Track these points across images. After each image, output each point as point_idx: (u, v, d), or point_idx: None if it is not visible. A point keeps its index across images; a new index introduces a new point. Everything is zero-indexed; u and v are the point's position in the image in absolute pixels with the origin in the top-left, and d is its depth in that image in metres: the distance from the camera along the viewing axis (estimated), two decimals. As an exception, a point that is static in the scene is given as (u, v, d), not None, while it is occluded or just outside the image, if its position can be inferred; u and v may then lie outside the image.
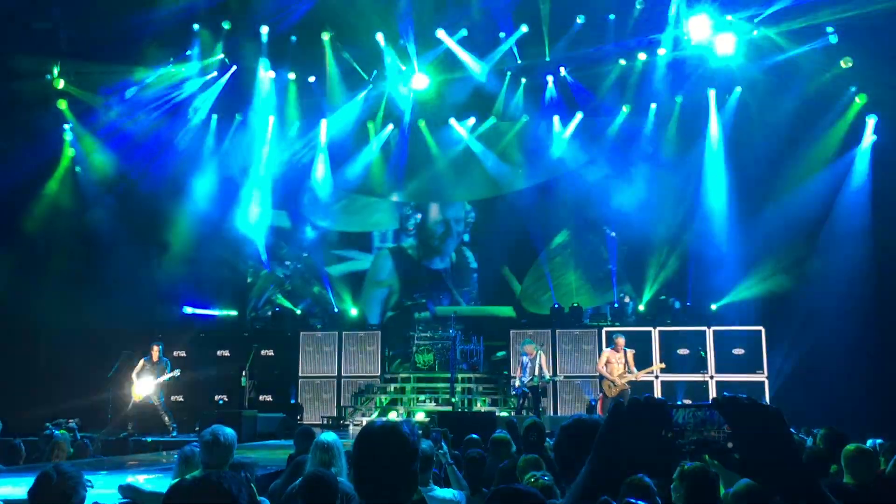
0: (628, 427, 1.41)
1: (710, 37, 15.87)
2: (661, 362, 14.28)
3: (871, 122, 16.05)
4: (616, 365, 13.35)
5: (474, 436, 8.09)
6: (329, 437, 4.97)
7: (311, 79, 18.18)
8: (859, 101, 16.06)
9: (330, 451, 4.88)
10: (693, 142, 17.59)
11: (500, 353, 16.24)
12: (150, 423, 14.02)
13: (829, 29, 15.54)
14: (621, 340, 13.64)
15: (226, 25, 17.06)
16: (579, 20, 16.90)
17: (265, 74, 17.81)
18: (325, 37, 17.38)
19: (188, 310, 17.54)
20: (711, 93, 17.38)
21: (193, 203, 17.59)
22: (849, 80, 15.98)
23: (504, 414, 13.76)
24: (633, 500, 2.40)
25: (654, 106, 17.80)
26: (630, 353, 13.50)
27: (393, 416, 14.91)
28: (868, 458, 4.72)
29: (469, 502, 5.27)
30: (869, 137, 16.06)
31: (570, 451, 2.44)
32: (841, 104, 16.16)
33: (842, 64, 15.76)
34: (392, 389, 16.12)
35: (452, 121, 18.88)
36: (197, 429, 13.48)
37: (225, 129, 18.38)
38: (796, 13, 15.24)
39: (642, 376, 13.53)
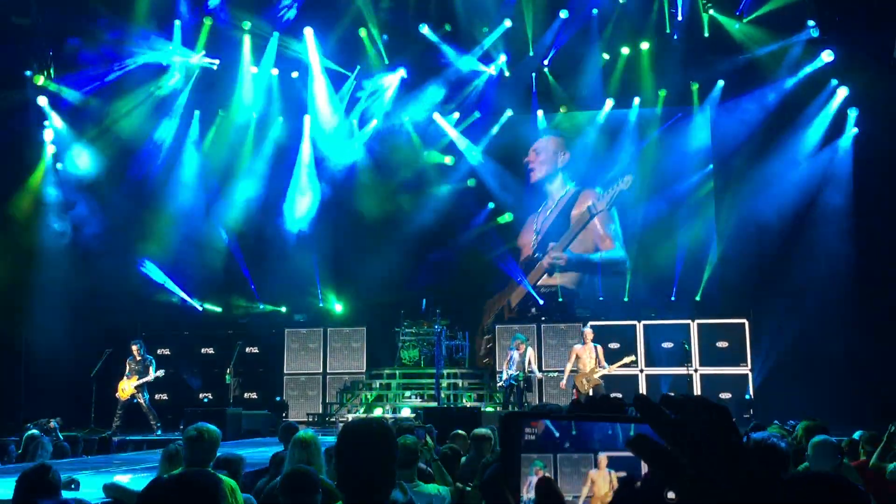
0: None
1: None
2: (631, 355, 14.10)
3: (852, 114, 16.13)
4: (587, 360, 13.24)
5: (460, 430, 8.11)
6: (307, 434, 4.96)
7: (294, 74, 18.16)
8: (841, 94, 16.15)
9: (308, 447, 4.86)
10: (678, 134, 17.65)
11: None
12: (134, 421, 13.94)
13: (811, 23, 15.67)
14: (589, 332, 13.56)
15: (207, 21, 16.99)
16: (563, 15, 16.94)
17: (248, 70, 17.73)
18: (308, 32, 17.33)
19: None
20: (695, 86, 17.43)
21: (177, 199, 17.47)
22: (830, 74, 16.10)
23: (490, 409, 13.76)
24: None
25: (637, 101, 17.84)
26: (599, 348, 13.40)
27: (378, 412, 14.89)
28: (831, 449, 4.71)
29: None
30: (850, 130, 16.15)
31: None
32: (822, 97, 16.25)
33: (823, 57, 15.89)
34: (378, 386, 16.09)
35: (437, 115, 18.79)
36: (181, 427, 13.42)
37: (207, 123, 18.23)
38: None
39: (614, 370, 13.43)
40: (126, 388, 13.63)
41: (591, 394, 12.64)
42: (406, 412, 14.12)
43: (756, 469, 0.81)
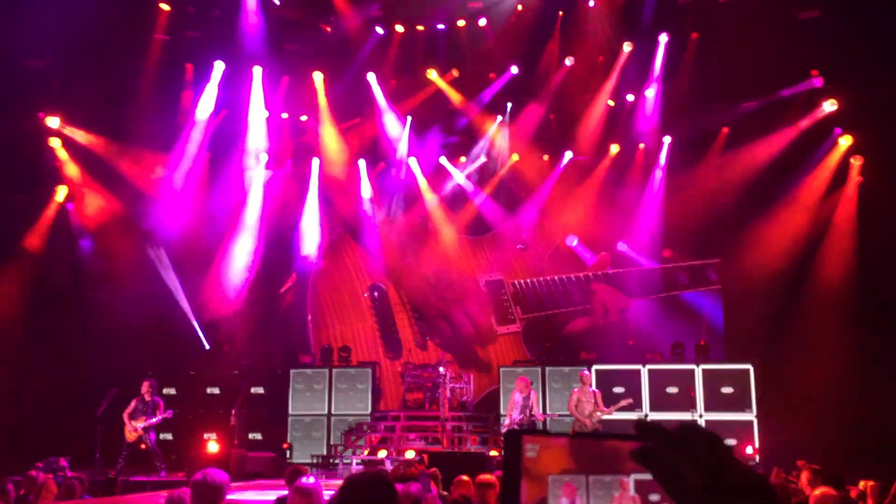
0: None
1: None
2: (629, 398, 14.06)
3: (856, 163, 16.26)
4: (586, 404, 13.21)
5: (464, 476, 8.11)
6: (309, 481, 4.99)
7: (304, 118, 18.45)
8: (845, 142, 16.31)
9: (310, 496, 4.89)
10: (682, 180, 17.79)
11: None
12: (139, 462, 13.93)
13: (815, 72, 15.91)
14: (587, 375, 13.57)
15: (219, 65, 17.29)
16: (567, 62, 17.21)
17: (257, 111, 17.99)
18: (318, 77, 17.62)
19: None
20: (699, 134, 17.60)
21: (185, 240, 17.66)
22: (834, 122, 16.27)
23: (494, 454, 13.72)
24: None
25: (642, 146, 18.05)
26: (598, 392, 13.39)
27: (382, 453, 14.87)
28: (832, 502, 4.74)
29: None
30: (854, 178, 16.27)
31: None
32: (826, 145, 16.41)
33: (826, 106, 16.07)
34: (382, 428, 16.07)
35: (443, 159, 19.03)
36: (185, 469, 13.43)
37: (219, 165, 18.44)
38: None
39: (612, 412, 13.40)
40: (133, 428, 13.60)
41: None
42: (410, 455, 14.08)
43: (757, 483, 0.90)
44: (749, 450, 14.73)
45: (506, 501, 1.08)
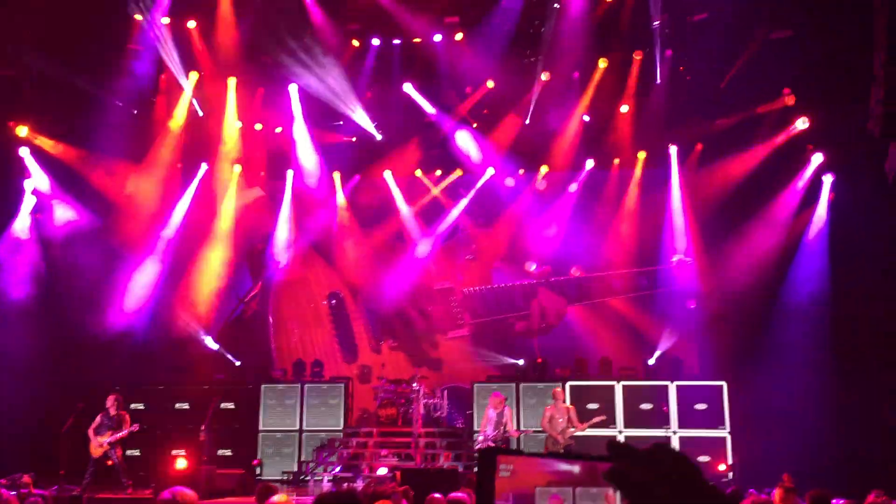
0: None
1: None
2: (602, 414, 14.07)
3: (828, 180, 16.40)
4: (559, 420, 13.17)
5: (436, 495, 8.00)
6: (282, 499, 4.88)
7: (279, 129, 18.35)
8: (816, 160, 16.45)
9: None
10: (655, 197, 17.89)
11: None
12: (105, 479, 13.63)
13: (787, 90, 16.06)
14: (560, 392, 13.55)
15: (193, 76, 17.15)
16: (543, 77, 17.25)
17: (231, 123, 17.86)
18: (293, 88, 17.52)
19: None
20: (674, 149, 17.70)
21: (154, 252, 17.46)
22: (806, 139, 16.42)
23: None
24: None
25: (617, 161, 18.14)
26: (572, 408, 13.37)
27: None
28: None
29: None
30: (826, 195, 16.40)
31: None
32: (798, 163, 16.55)
33: (798, 124, 16.22)
34: (354, 444, 15.89)
35: (419, 172, 19.01)
36: (152, 486, 13.19)
37: (190, 178, 18.26)
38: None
39: (585, 428, 13.38)
40: (98, 444, 13.33)
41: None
42: (382, 472, 13.94)
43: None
44: (722, 466, 14.73)
45: None
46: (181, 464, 14.91)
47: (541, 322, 18.45)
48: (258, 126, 18.28)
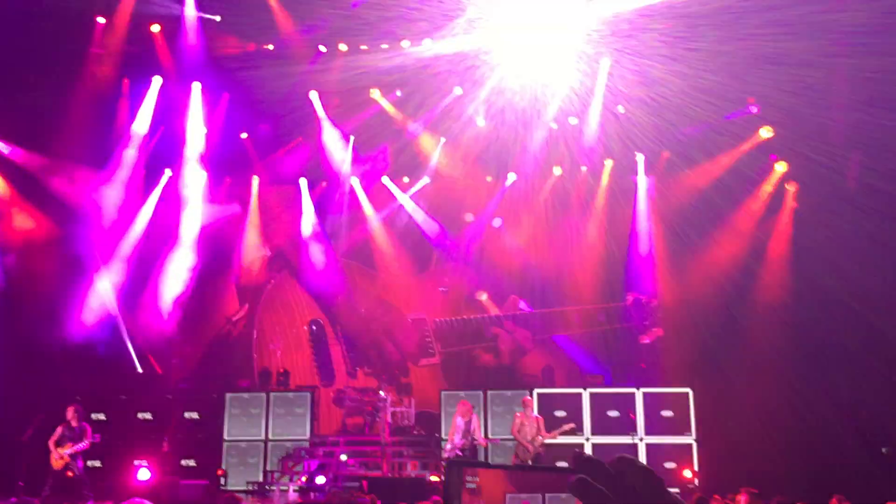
0: None
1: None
2: (571, 423, 14.11)
3: (791, 189, 16.61)
4: (528, 428, 13.16)
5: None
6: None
7: (244, 135, 18.18)
8: (780, 168, 16.66)
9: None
10: (623, 203, 18.01)
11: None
12: (65, 490, 13.34)
13: (750, 99, 16.23)
14: (529, 400, 13.56)
15: (156, 80, 16.93)
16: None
17: (195, 128, 17.63)
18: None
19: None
20: (640, 157, 17.82)
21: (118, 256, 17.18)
22: (770, 149, 16.61)
23: (435, 479, 13.53)
24: None
25: (584, 168, 18.22)
26: (540, 418, 13.38)
27: (321, 480, 14.56)
28: None
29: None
30: (790, 204, 16.62)
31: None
32: (762, 172, 16.74)
33: (762, 133, 16.40)
34: (321, 453, 15.74)
35: (385, 179, 18.95)
36: (114, 498, 12.92)
37: (153, 184, 18.01)
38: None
39: (555, 436, 13.38)
40: (59, 456, 13.06)
41: (530, 462, 12.67)
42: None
43: None
44: (688, 473, 14.82)
45: None
46: (144, 475, 14.64)
47: (507, 357, 18.85)
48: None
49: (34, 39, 14.95)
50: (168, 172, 17.98)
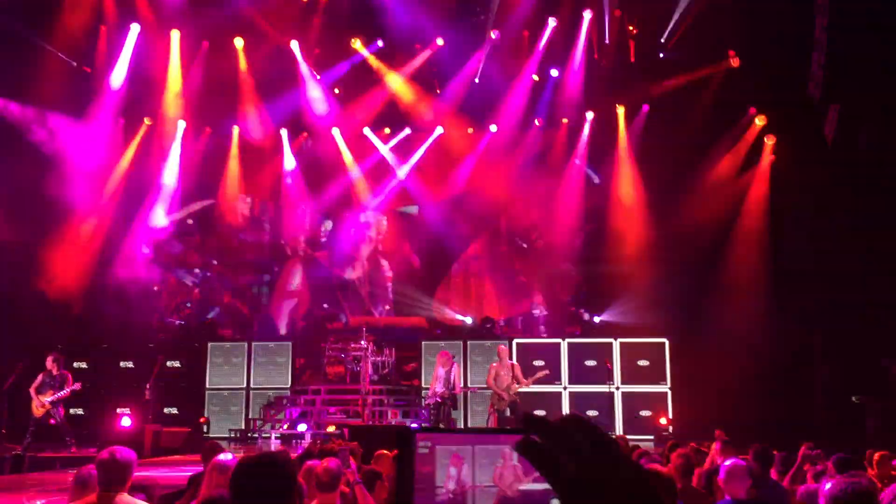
0: None
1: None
2: (545, 370, 14.22)
3: (769, 142, 16.72)
4: (504, 377, 13.32)
5: (385, 451, 8.07)
6: (227, 458, 4.86)
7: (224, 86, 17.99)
8: (759, 122, 16.74)
9: (227, 473, 4.77)
10: (604, 156, 18.08)
11: None
12: (48, 437, 13.43)
13: (731, 52, 16.25)
14: (504, 349, 13.69)
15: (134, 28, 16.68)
16: (492, 35, 17.17)
17: (175, 77, 17.42)
18: (238, 43, 17.16)
19: None
20: (621, 110, 17.84)
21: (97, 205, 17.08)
22: (749, 103, 16.67)
23: (415, 426, 13.72)
24: None
25: (565, 120, 18.23)
26: (517, 365, 13.52)
27: (302, 427, 14.76)
28: (741, 472, 4.84)
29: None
30: (768, 157, 16.74)
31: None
32: (741, 125, 16.83)
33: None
34: (302, 402, 15.91)
35: (367, 131, 18.87)
36: (97, 444, 13.03)
37: (132, 132, 17.83)
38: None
39: (530, 384, 13.56)
40: (40, 403, 13.11)
41: (507, 410, 12.79)
42: (330, 429, 14.01)
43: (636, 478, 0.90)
44: (663, 420, 15.13)
45: (400, 496, 1.13)
46: (126, 422, 14.76)
47: None
48: (203, 81, 17.88)
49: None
50: (147, 122, 17.81)
